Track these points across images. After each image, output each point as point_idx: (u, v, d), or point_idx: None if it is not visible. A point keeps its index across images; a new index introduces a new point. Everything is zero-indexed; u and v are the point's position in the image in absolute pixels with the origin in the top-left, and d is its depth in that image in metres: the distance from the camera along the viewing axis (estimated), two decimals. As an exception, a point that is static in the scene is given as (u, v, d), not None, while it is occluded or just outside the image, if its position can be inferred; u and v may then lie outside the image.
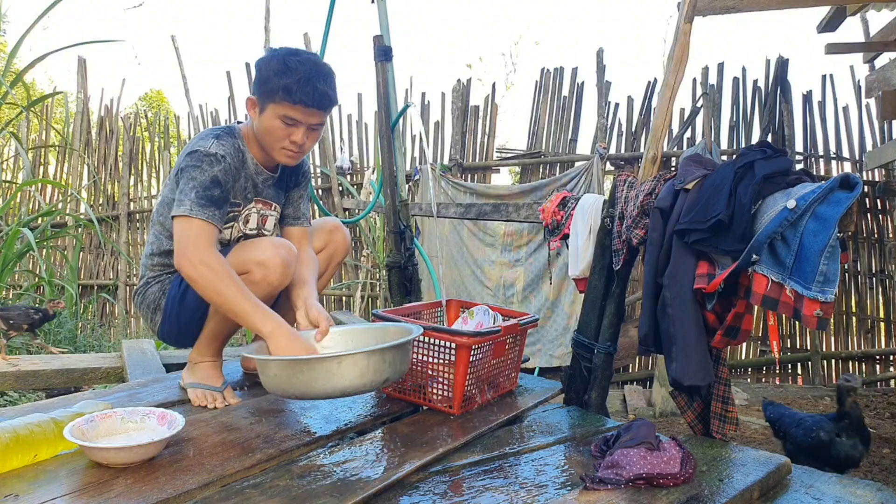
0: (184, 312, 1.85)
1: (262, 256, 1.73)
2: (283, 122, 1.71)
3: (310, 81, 1.67)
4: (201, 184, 1.68)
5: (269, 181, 1.92)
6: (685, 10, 1.94)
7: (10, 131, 5.34)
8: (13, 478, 1.30)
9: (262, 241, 1.81)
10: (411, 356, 1.61)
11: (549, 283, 5.15)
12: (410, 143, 6.06)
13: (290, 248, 1.81)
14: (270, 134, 1.75)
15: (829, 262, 1.50)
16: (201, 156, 1.71)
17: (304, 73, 1.67)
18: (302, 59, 1.70)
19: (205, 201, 1.67)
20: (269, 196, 1.94)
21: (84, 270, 6.99)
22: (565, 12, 30.54)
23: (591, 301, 2.13)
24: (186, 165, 1.72)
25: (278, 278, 1.76)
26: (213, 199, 1.69)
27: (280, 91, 1.67)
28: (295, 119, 1.71)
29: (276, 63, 1.69)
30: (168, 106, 14.07)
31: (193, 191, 1.67)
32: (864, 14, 4.26)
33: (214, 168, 1.70)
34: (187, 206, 1.65)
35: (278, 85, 1.67)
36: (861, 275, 5.44)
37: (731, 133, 5.38)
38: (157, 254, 1.92)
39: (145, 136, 7.10)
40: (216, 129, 1.81)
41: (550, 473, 1.49)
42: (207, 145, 1.73)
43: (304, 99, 1.68)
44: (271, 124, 1.72)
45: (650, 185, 1.95)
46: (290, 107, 1.69)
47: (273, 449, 1.50)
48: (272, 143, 1.77)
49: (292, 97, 1.67)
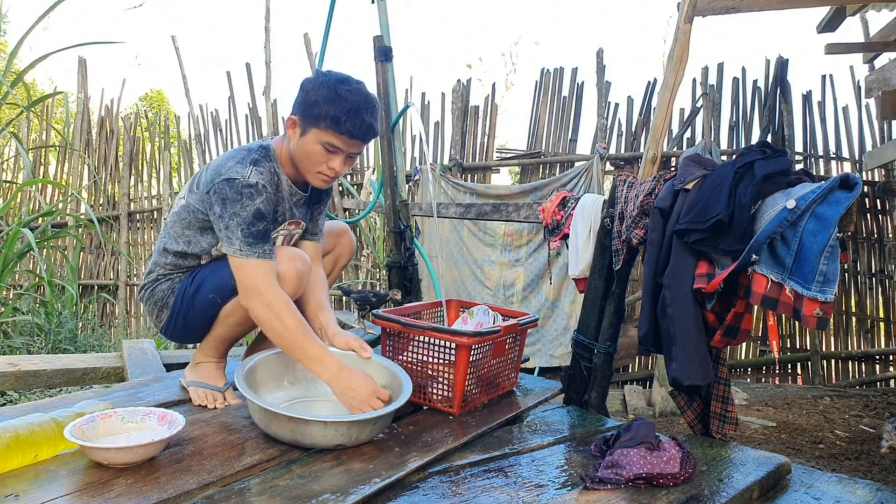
0: (193, 313, 1.85)
1: (279, 268, 1.75)
2: (325, 149, 1.71)
3: (358, 113, 1.67)
4: (245, 220, 1.66)
5: (301, 201, 1.92)
6: (685, 10, 1.94)
7: (10, 131, 5.34)
8: (13, 478, 1.30)
9: (279, 252, 1.81)
10: (381, 426, 1.65)
11: (549, 283, 5.16)
12: (410, 143, 6.06)
13: (305, 260, 1.83)
14: (309, 158, 1.74)
15: (829, 262, 1.50)
16: (241, 187, 1.67)
17: (354, 104, 1.67)
18: (352, 89, 1.69)
19: (252, 239, 1.66)
20: (299, 216, 1.93)
21: (84, 270, 7.00)
22: (565, 12, 30.56)
23: (591, 301, 2.13)
24: (226, 197, 1.67)
25: (292, 289, 1.78)
26: (259, 235, 1.67)
27: (328, 119, 1.67)
28: (337, 147, 1.71)
29: (327, 90, 1.68)
30: (168, 106, 14.09)
31: (239, 228, 1.65)
32: (863, 14, 4.27)
33: (256, 201, 1.68)
34: (237, 247, 1.65)
35: (327, 113, 1.66)
36: (861, 275, 5.44)
37: (731, 133, 5.38)
38: (171, 252, 1.88)
39: (145, 137, 7.11)
40: (252, 153, 1.76)
41: (550, 473, 1.49)
42: (246, 174, 1.69)
43: (350, 130, 1.68)
44: (312, 149, 1.72)
45: (650, 185, 1.95)
46: (335, 135, 1.69)
47: (273, 449, 1.51)
48: (309, 167, 1.77)
49: (339, 127, 1.67)
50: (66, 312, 4.48)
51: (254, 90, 6.42)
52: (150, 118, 7.50)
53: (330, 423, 1.51)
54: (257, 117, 6.38)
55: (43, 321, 4.22)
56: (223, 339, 1.88)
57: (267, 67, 6.31)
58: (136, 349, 2.70)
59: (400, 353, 1.98)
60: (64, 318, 4.35)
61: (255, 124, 6.39)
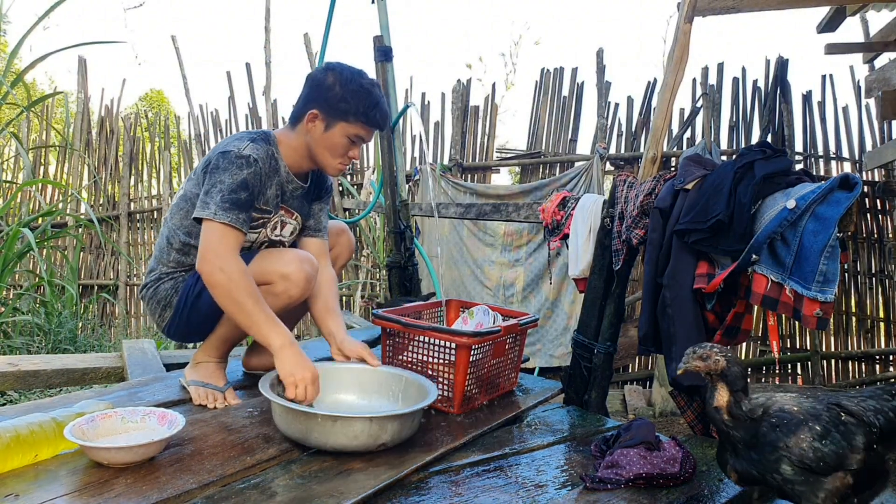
0: (197, 313, 1.84)
1: (287, 269, 1.75)
2: (350, 140, 1.80)
3: (380, 105, 1.80)
4: (229, 186, 1.67)
5: (298, 191, 1.93)
6: (685, 10, 1.94)
7: (10, 131, 5.34)
8: (13, 477, 1.30)
9: (286, 252, 1.82)
10: (418, 421, 1.60)
11: (549, 283, 5.15)
12: (410, 143, 6.06)
13: (313, 263, 1.84)
14: (333, 150, 1.80)
15: (829, 262, 1.50)
16: (234, 157, 1.70)
17: (377, 97, 1.79)
18: (374, 83, 1.82)
19: (229, 204, 1.66)
20: (294, 206, 1.94)
21: (84, 270, 6.99)
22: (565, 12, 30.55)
23: (591, 301, 2.13)
24: (217, 165, 1.70)
25: (299, 292, 1.79)
26: (238, 203, 1.67)
27: (358, 113, 1.76)
28: (362, 138, 1.81)
29: (353, 85, 1.76)
30: (168, 106, 14.09)
31: (220, 193, 1.66)
32: (863, 14, 4.26)
33: (244, 171, 1.70)
34: (212, 210, 1.65)
35: (356, 108, 1.75)
36: (861, 275, 5.44)
37: (731, 133, 5.38)
38: (174, 248, 1.88)
39: (146, 136, 7.11)
40: (252, 133, 1.81)
41: (550, 473, 1.49)
42: (242, 147, 1.72)
43: (378, 122, 1.80)
44: (339, 141, 1.79)
45: (650, 185, 1.95)
46: (363, 127, 1.79)
47: (273, 449, 1.51)
48: (330, 159, 1.82)
49: (369, 119, 1.77)
50: (66, 312, 4.47)
51: (254, 90, 6.42)
52: (150, 118, 7.50)
53: (375, 419, 1.47)
54: (257, 117, 6.38)
55: (43, 321, 4.22)
56: (226, 339, 1.87)
57: (267, 67, 6.30)
58: (135, 349, 2.69)
59: (400, 353, 1.98)
60: (64, 318, 4.34)
61: (255, 124, 6.39)
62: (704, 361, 1.24)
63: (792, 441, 1.16)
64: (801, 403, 1.22)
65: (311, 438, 1.47)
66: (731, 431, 1.23)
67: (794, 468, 1.15)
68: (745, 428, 1.22)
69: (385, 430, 1.48)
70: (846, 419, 1.18)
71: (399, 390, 1.77)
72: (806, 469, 1.15)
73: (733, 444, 1.25)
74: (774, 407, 1.21)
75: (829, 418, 1.18)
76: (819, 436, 1.16)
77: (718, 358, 1.24)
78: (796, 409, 1.20)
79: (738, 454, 1.24)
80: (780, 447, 1.17)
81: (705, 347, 1.26)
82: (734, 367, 1.23)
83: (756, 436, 1.20)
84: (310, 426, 1.46)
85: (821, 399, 1.24)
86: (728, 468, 1.28)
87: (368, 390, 1.81)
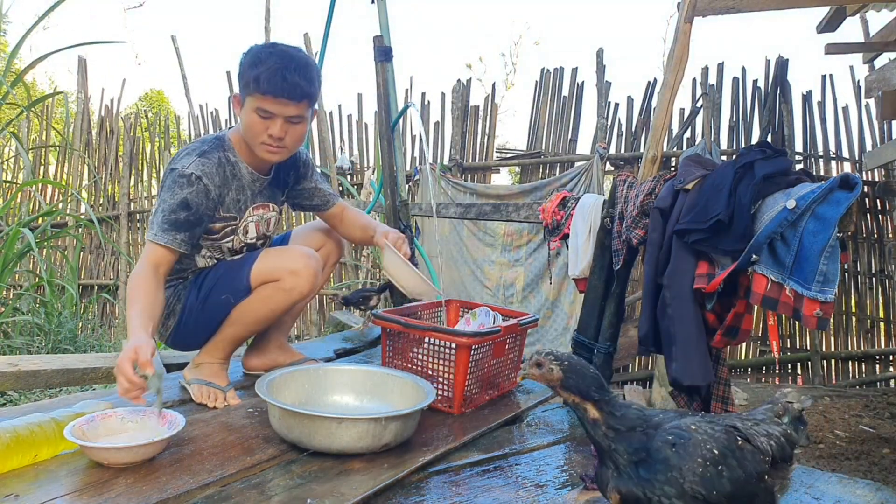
0: (201, 323, 1.86)
1: (295, 266, 1.78)
2: (259, 116, 1.72)
3: (279, 71, 1.66)
4: (170, 206, 1.70)
5: (264, 183, 1.93)
6: (685, 10, 1.94)
7: (10, 131, 5.34)
8: (13, 478, 1.30)
9: (292, 250, 1.86)
10: (417, 421, 1.60)
11: (549, 283, 5.15)
12: (410, 143, 6.06)
13: (318, 259, 1.87)
14: (250, 129, 1.75)
15: (829, 262, 1.50)
16: (176, 176, 1.71)
17: (274, 64, 1.67)
18: (274, 51, 1.70)
19: (168, 225, 1.70)
20: (266, 197, 1.95)
21: (84, 270, 7.00)
22: (565, 12, 30.55)
23: (591, 301, 2.13)
24: (163, 183, 1.75)
25: (308, 287, 1.81)
26: (176, 224, 1.70)
27: (252, 83, 1.68)
28: (269, 111, 1.70)
29: (250, 56, 1.71)
30: (168, 106, 14.10)
31: (161, 214, 1.71)
32: (863, 14, 4.26)
33: (185, 191, 1.70)
34: (153, 231, 1.71)
35: (250, 77, 1.69)
36: (861, 275, 5.44)
37: (731, 133, 5.38)
38: None
39: (145, 136, 7.11)
40: (204, 143, 1.80)
41: (550, 473, 1.49)
42: (186, 164, 1.72)
43: (273, 89, 1.67)
44: (250, 119, 1.74)
45: (650, 185, 1.95)
46: (262, 98, 1.69)
47: (273, 449, 1.51)
48: (253, 139, 1.77)
49: (261, 87, 1.67)
50: (66, 312, 4.47)
51: (254, 90, 6.42)
52: (150, 118, 7.50)
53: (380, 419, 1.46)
54: (257, 117, 6.38)
55: (43, 321, 4.22)
56: (232, 340, 1.88)
57: (267, 67, 6.30)
58: (136, 349, 2.69)
59: (400, 353, 1.98)
60: (64, 318, 4.34)
61: (255, 124, 6.39)
62: (539, 369, 1.13)
63: (687, 465, 1.02)
64: (698, 423, 1.09)
65: (315, 441, 1.47)
66: (613, 444, 1.09)
67: (685, 497, 1.01)
68: (628, 440, 1.08)
69: (388, 431, 1.48)
70: (742, 444, 1.06)
71: (396, 391, 1.76)
72: (698, 499, 1.01)
73: (615, 462, 1.09)
74: (670, 423, 1.09)
75: (727, 442, 1.05)
76: (714, 462, 1.03)
77: (552, 367, 1.11)
78: (693, 427, 1.07)
79: (620, 472, 1.08)
80: (672, 466, 1.03)
81: (540, 354, 1.13)
82: (571, 377, 1.11)
83: (648, 450, 1.06)
84: (314, 429, 1.46)
85: (718, 421, 1.11)
86: (609, 489, 1.10)
87: (363, 392, 1.80)
